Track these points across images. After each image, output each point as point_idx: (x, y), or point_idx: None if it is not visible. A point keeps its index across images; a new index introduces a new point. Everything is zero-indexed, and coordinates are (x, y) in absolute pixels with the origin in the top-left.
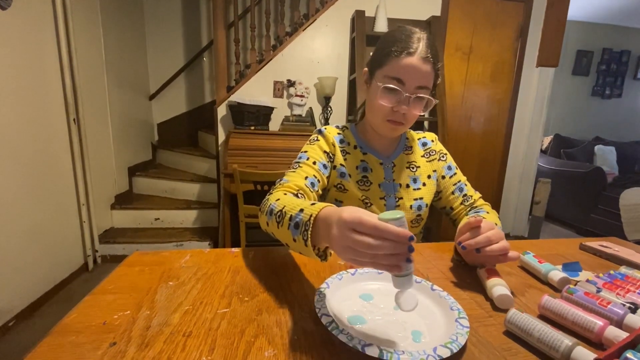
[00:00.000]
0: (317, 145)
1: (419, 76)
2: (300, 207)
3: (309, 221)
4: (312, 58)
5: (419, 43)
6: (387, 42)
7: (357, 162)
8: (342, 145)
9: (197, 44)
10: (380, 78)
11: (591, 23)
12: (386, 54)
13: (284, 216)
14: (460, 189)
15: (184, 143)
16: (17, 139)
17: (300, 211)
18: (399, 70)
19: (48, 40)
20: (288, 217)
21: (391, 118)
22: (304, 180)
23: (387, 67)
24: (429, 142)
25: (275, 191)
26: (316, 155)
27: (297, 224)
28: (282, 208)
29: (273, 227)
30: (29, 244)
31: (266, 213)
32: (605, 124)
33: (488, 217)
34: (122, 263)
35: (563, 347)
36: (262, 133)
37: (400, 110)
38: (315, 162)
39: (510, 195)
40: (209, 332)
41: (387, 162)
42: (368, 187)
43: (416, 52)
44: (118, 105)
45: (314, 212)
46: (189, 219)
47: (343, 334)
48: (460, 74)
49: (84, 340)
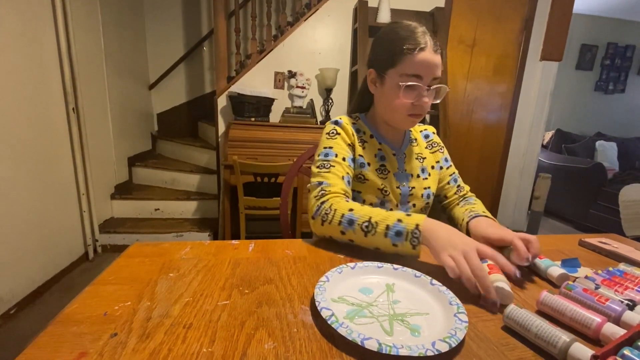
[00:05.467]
0: (340, 139)
1: (434, 69)
2: (394, 217)
3: (416, 229)
4: (313, 49)
5: (425, 37)
6: (394, 41)
7: (375, 150)
8: (359, 135)
9: (197, 33)
10: (397, 77)
11: (597, 16)
12: (398, 53)
13: (375, 226)
14: (454, 179)
15: (184, 133)
16: (16, 128)
17: (398, 221)
18: (416, 67)
19: (46, 28)
20: (384, 226)
21: (413, 112)
22: (342, 181)
23: (403, 65)
24: (430, 135)
25: (330, 197)
26: (343, 151)
27: (399, 232)
28: (369, 219)
29: (355, 236)
30: (29, 233)
31: (340, 223)
32: (607, 119)
33: (477, 205)
34: (123, 254)
35: (561, 343)
36: (263, 124)
37: (422, 104)
38: (344, 159)
39: (510, 189)
40: (209, 324)
41: (399, 153)
42: (386, 176)
43: (427, 46)
44: (117, 95)
45: (418, 222)
46: (189, 210)
47: (342, 328)
48: (463, 67)
49: (85, 330)
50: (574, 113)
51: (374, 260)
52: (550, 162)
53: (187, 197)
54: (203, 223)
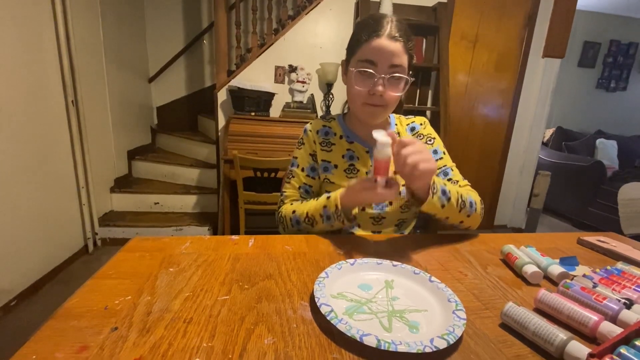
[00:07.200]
0: (303, 149)
1: (389, 55)
2: (320, 205)
3: (337, 209)
4: (314, 43)
5: (387, 25)
6: (357, 30)
7: (344, 151)
8: (326, 138)
9: (197, 26)
10: (354, 64)
11: (600, 13)
12: (357, 40)
13: (313, 218)
14: (445, 172)
15: (184, 127)
16: (16, 121)
17: (324, 208)
18: (369, 52)
19: (45, 21)
20: (318, 216)
21: (369, 102)
22: (298, 190)
23: (359, 52)
24: (417, 126)
25: (283, 206)
26: (303, 161)
27: (329, 216)
28: (307, 213)
29: (308, 229)
30: (29, 225)
31: (292, 225)
32: (608, 117)
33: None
34: (123, 248)
35: (558, 341)
36: (263, 119)
37: (377, 92)
38: (303, 169)
39: (509, 186)
40: (209, 319)
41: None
42: (355, 175)
43: (384, 32)
44: (117, 88)
45: (336, 202)
46: (188, 204)
47: (342, 324)
48: (465, 63)
49: (85, 324)
50: (575, 110)
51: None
52: (550, 160)
53: (186, 191)
54: (202, 217)
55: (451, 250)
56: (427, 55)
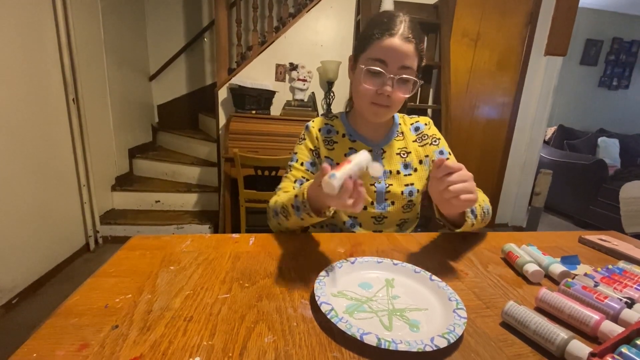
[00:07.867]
0: (304, 144)
1: (401, 56)
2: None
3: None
4: (315, 41)
5: (400, 24)
6: (369, 27)
7: (346, 149)
8: (328, 136)
9: (198, 24)
10: (364, 61)
11: (602, 11)
12: (368, 37)
13: (287, 209)
14: None
15: (185, 125)
16: (16, 119)
17: (295, 197)
18: (381, 51)
19: (46, 18)
20: (290, 207)
21: (376, 101)
22: (293, 184)
23: (370, 50)
24: (421, 126)
25: (272, 198)
26: (303, 156)
27: (298, 207)
28: (283, 205)
29: (284, 222)
30: (30, 223)
31: (273, 217)
32: (610, 115)
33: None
34: (123, 247)
35: (559, 340)
36: (264, 117)
37: (385, 92)
38: (302, 163)
39: (510, 185)
40: (210, 318)
41: (377, 149)
42: None
43: (397, 32)
44: (117, 86)
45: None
46: (189, 202)
47: (342, 323)
48: (467, 61)
49: (86, 322)
50: (577, 109)
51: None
52: (552, 158)
53: (187, 189)
54: (203, 215)
55: (452, 249)
56: (428, 53)
